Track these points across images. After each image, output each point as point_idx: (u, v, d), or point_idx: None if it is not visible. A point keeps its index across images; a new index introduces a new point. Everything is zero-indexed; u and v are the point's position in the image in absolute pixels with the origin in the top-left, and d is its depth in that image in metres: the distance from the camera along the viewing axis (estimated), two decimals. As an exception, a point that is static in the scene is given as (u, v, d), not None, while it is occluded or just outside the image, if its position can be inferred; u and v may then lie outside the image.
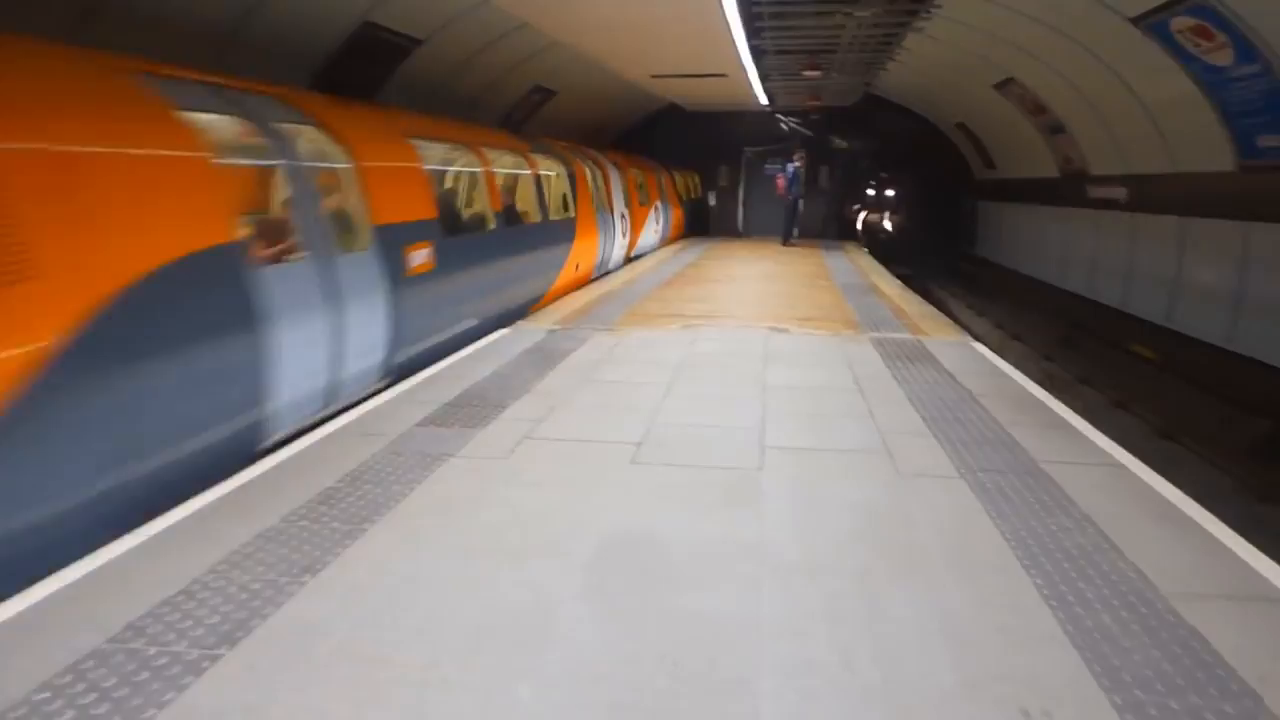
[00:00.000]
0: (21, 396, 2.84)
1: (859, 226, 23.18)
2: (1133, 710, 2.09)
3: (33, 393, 2.87)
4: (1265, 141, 7.81)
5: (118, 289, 3.27)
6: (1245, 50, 7.26)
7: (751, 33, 10.67)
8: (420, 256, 6.14)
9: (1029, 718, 2.05)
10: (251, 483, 3.63)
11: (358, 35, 7.96)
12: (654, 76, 14.33)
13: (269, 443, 4.35)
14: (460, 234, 7.42)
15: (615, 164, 14.13)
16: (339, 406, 5.07)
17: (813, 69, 13.22)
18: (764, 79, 14.65)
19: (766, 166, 20.78)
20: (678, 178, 19.99)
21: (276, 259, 4.65)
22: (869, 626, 2.48)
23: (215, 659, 2.31)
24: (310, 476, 3.69)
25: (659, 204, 16.81)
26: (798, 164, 16.57)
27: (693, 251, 16.03)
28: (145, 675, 2.23)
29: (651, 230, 16.06)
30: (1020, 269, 15.98)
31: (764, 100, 17.43)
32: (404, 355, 5.88)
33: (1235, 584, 2.78)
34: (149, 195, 3.58)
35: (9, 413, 2.80)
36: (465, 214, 8.34)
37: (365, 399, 5.10)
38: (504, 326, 7.43)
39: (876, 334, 7.25)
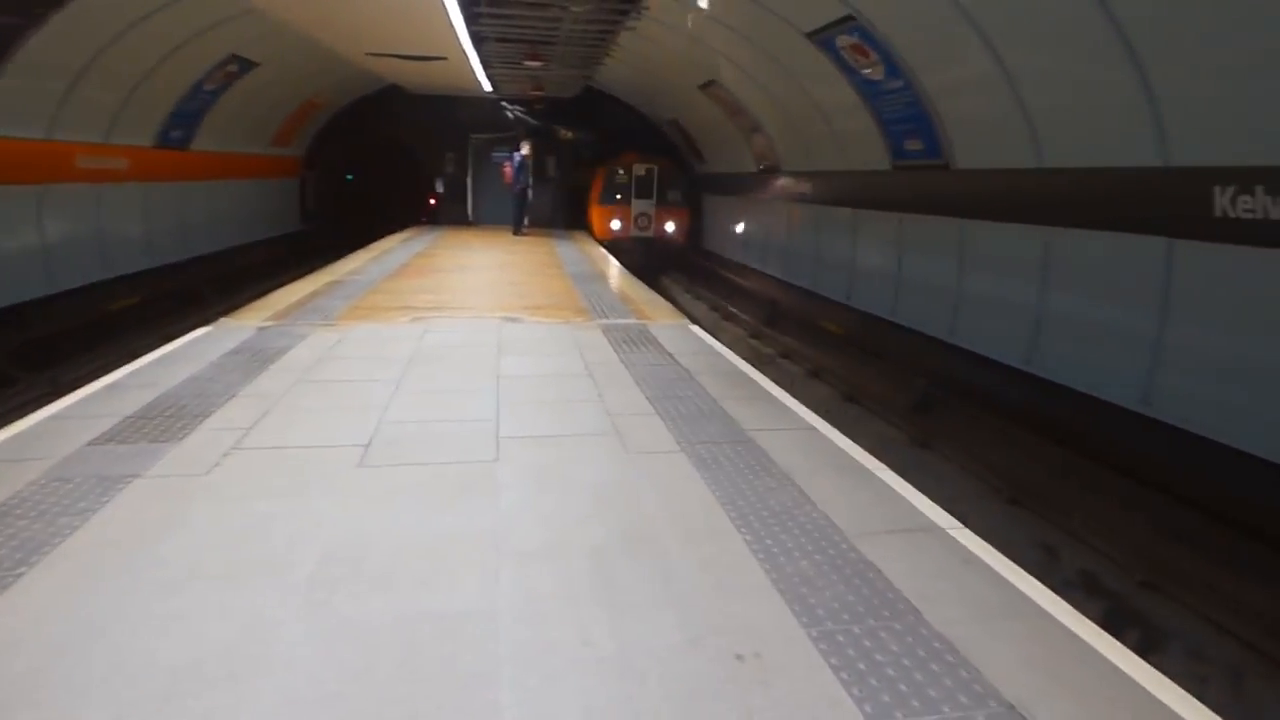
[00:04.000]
0: None
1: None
2: (825, 640, 2.41)
3: None
4: (910, 145, 9.33)
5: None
6: (893, 67, 8.59)
7: (470, 18, 10.49)
8: None
9: (743, 661, 2.28)
10: None
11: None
12: (370, 55, 13.55)
13: None
14: None
15: None
16: None
17: (533, 59, 13.35)
18: (486, 66, 14.51)
19: (494, 154, 20.63)
20: None
21: None
22: (604, 602, 2.59)
23: None
24: (-61, 519, 3.00)
25: None
26: (525, 153, 16.66)
27: (421, 241, 15.47)
28: None
29: None
30: (730, 255, 17.57)
31: (488, 87, 17.28)
32: None
33: (900, 519, 3.31)
34: None
35: None
36: None
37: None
38: None
39: (605, 320, 7.55)
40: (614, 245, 17.02)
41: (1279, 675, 4.22)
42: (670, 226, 18.84)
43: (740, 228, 17.14)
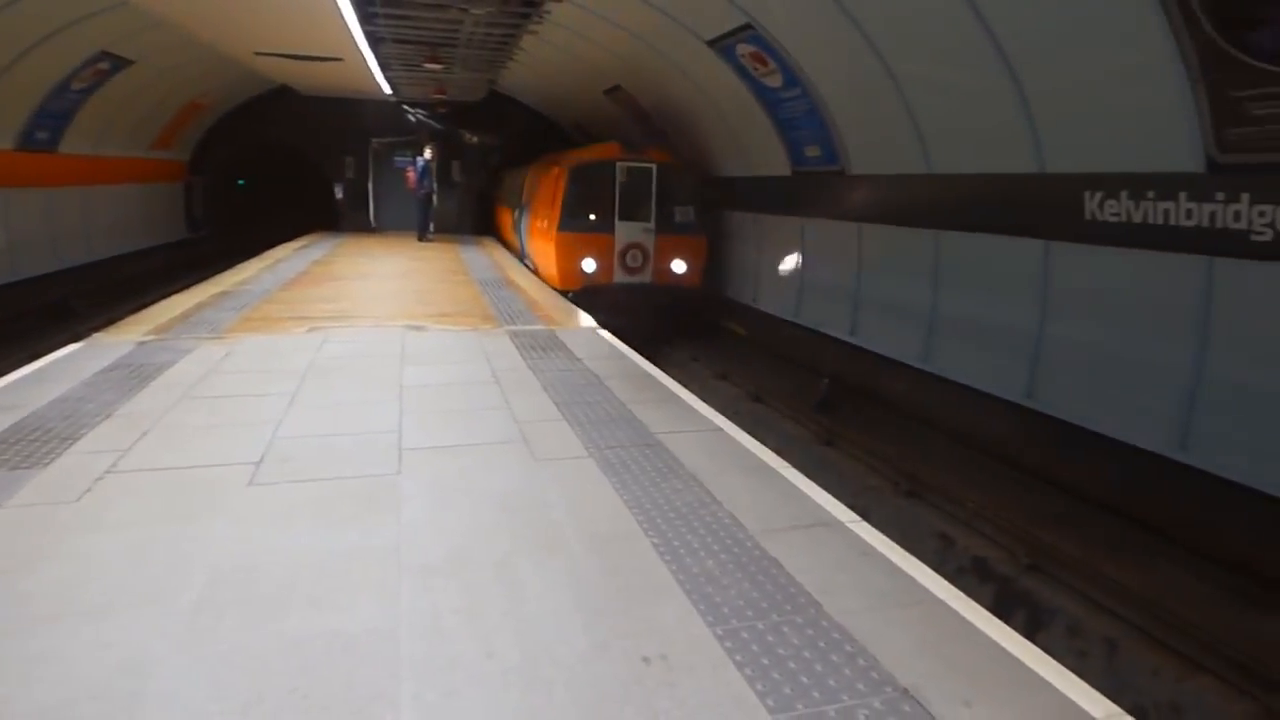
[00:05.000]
0: None
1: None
2: (730, 637, 2.43)
3: None
4: (809, 151, 9.61)
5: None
6: (790, 75, 8.84)
7: (365, 17, 10.19)
8: None
9: (649, 663, 2.28)
10: None
11: None
12: (259, 54, 12.97)
13: None
14: None
15: None
16: None
17: (434, 61, 13.08)
18: (385, 68, 14.13)
19: (396, 159, 20.10)
20: None
21: None
22: (509, 612, 2.54)
23: None
24: None
25: None
26: (428, 157, 16.30)
27: (320, 248, 14.90)
28: None
29: None
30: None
31: (388, 90, 16.84)
32: None
33: (802, 515, 3.39)
34: None
35: None
36: None
37: None
38: None
39: (513, 327, 7.46)
40: (587, 298, 10.74)
41: (1146, 644, 4.54)
42: (680, 265, 11.80)
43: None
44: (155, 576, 2.71)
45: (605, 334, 7.30)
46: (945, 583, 2.81)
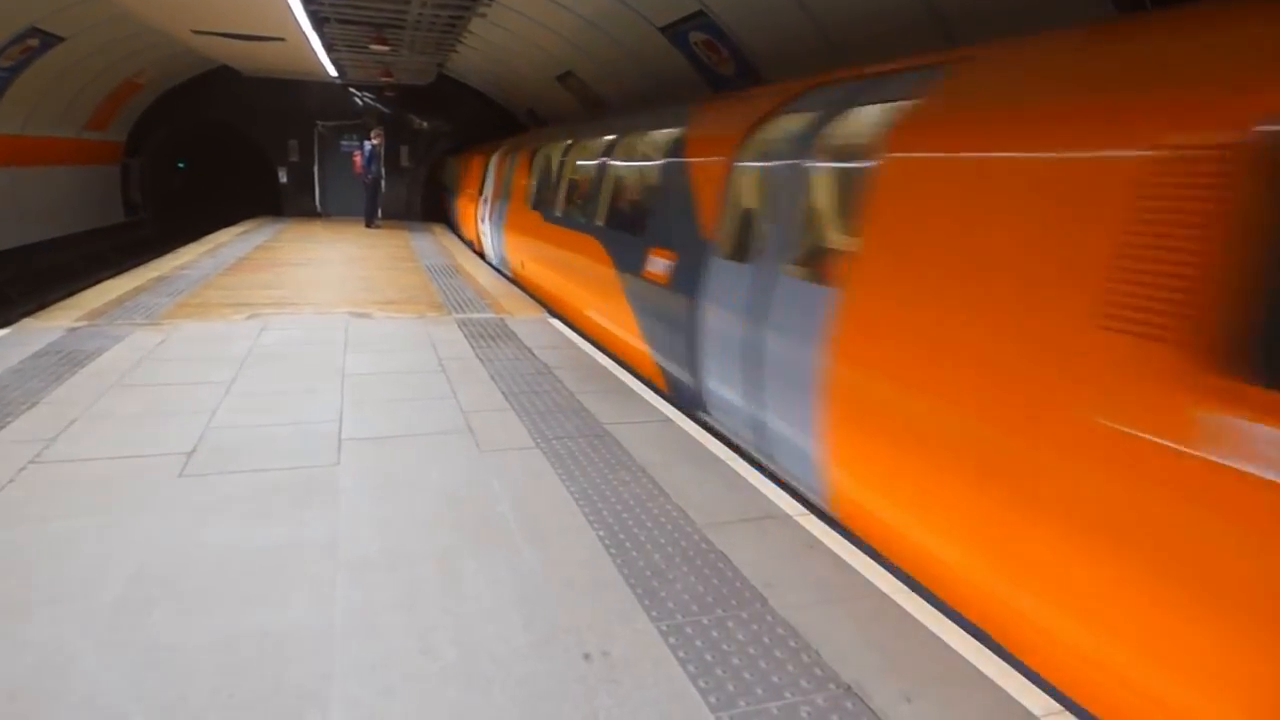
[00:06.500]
0: None
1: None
2: (674, 633, 2.41)
3: None
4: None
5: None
6: (743, 65, 8.84)
7: (308, -4, 9.87)
8: None
9: (591, 660, 2.25)
10: None
11: None
12: (197, 33, 12.48)
13: None
14: None
15: None
16: None
17: (380, 43, 12.76)
18: (329, 49, 13.74)
19: (343, 143, 19.60)
20: None
21: None
22: (448, 608, 2.49)
23: None
24: None
25: None
26: (376, 142, 15.93)
27: (263, 233, 14.47)
28: None
29: None
30: None
31: (333, 72, 16.40)
32: None
33: (750, 508, 3.39)
34: None
35: None
36: None
37: None
38: None
39: (461, 314, 7.34)
40: None
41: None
42: None
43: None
44: (78, 572, 2.59)
45: (556, 323, 7.22)
46: (890, 576, 2.83)
